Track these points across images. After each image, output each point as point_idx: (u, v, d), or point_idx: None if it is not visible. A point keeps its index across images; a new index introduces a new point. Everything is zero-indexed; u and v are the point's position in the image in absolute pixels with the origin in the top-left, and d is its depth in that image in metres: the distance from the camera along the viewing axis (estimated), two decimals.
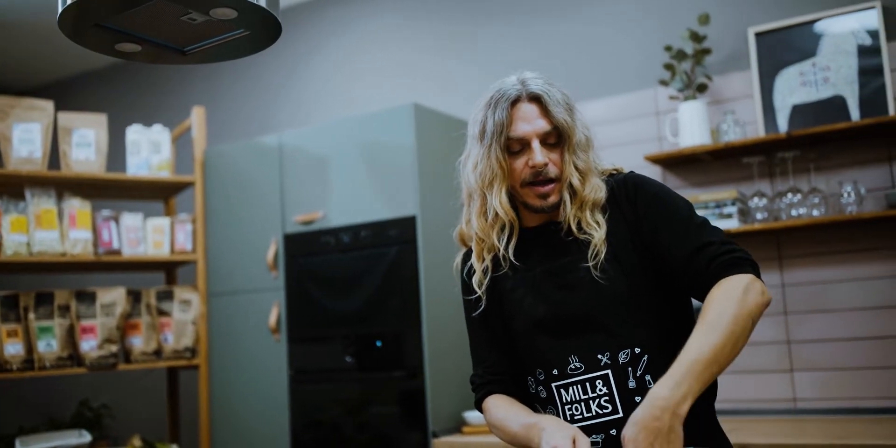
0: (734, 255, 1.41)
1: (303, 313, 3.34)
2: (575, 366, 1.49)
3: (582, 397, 1.48)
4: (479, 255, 1.62)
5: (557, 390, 1.51)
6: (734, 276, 1.38)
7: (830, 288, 2.91)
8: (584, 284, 1.49)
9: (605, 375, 1.47)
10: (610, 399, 1.46)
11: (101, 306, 3.41)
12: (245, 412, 3.49)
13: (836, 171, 2.93)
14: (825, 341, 2.90)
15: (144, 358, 3.53)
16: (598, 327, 1.48)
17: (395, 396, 3.08)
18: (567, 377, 1.50)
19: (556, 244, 1.56)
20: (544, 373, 1.53)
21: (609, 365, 1.47)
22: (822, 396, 2.89)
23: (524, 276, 1.57)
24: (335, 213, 3.30)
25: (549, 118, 1.52)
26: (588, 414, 1.47)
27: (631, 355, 1.47)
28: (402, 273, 3.09)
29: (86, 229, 3.41)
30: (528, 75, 1.58)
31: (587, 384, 1.48)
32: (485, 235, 1.60)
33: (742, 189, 3.04)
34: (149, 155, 3.66)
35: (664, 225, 1.48)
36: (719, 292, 1.36)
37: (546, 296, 1.54)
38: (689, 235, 1.45)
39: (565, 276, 1.53)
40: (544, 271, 1.56)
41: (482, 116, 1.57)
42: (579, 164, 1.53)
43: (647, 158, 3.10)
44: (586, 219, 1.51)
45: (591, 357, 1.48)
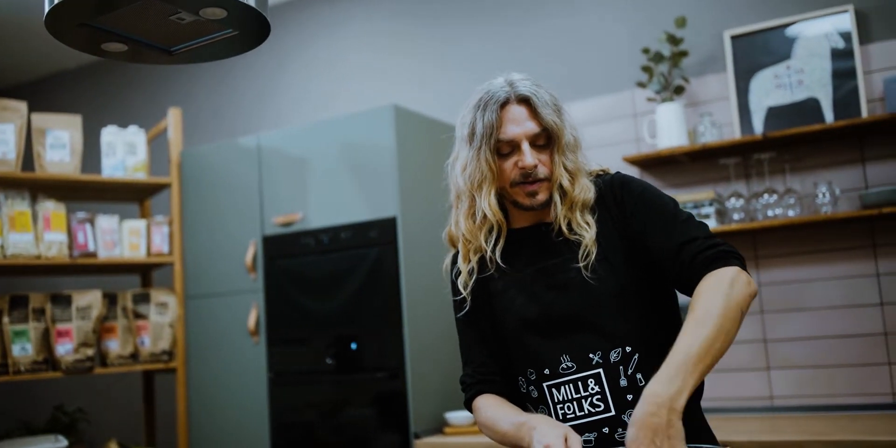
0: (719, 248, 1.43)
1: (282, 315, 3.33)
2: (567, 365, 1.50)
3: (574, 396, 1.49)
4: (465, 257, 1.63)
5: (549, 390, 1.52)
6: (720, 270, 1.39)
7: (806, 287, 2.96)
8: (575, 284, 1.51)
9: (597, 374, 1.48)
10: (602, 398, 1.47)
11: (76, 309, 3.37)
12: (223, 416, 3.47)
13: (811, 172, 2.97)
14: (801, 339, 2.95)
15: (121, 361, 3.50)
16: (590, 327, 1.50)
17: (376, 397, 3.08)
18: (559, 376, 1.51)
19: (546, 245, 1.57)
20: (535, 372, 1.54)
21: (601, 364, 1.48)
22: (798, 394, 2.93)
23: (515, 277, 1.59)
24: (315, 215, 3.29)
25: (538, 120, 1.53)
26: (580, 413, 1.48)
27: (622, 354, 1.48)
28: (382, 274, 3.09)
29: (60, 231, 3.37)
30: (516, 77, 1.59)
31: (579, 383, 1.49)
32: (472, 237, 1.60)
33: (719, 190, 3.08)
34: (124, 156, 3.63)
35: (650, 222, 1.50)
36: (706, 286, 1.37)
37: (537, 296, 1.55)
38: (675, 231, 1.47)
39: (556, 277, 1.54)
40: (535, 272, 1.57)
41: (471, 118, 1.57)
42: (568, 164, 1.55)
43: (626, 160, 3.13)
44: (576, 219, 1.53)
45: (583, 356, 1.49)
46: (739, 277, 1.38)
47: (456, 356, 1.75)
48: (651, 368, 1.46)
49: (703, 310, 1.33)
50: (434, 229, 3.31)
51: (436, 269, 3.18)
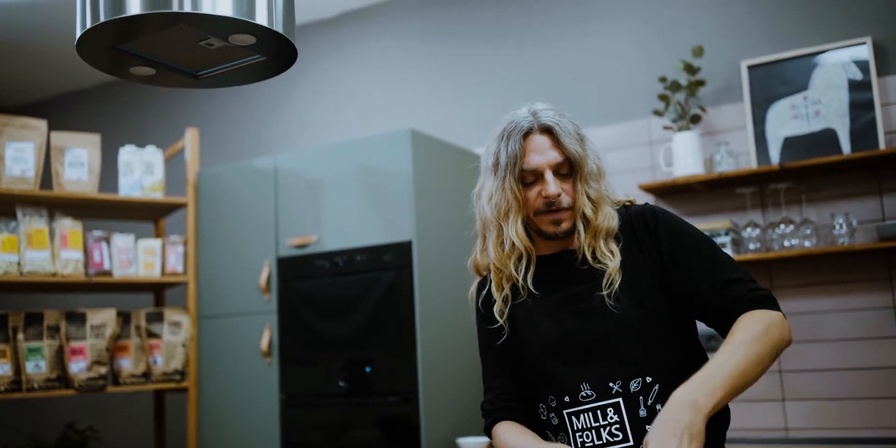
0: (762, 293, 1.46)
1: (295, 337, 3.33)
2: (586, 393, 1.50)
3: (593, 425, 1.49)
4: (498, 285, 1.64)
5: (569, 417, 1.52)
6: (763, 310, 1.42)
7: (822, 318, 2.94)
8: (599, 312, 1.51)
9: (617, 403, 1.48)
10: (621, 427, 1.47)
11: (91, 327, 3.38)
12: (234, 436, 3.46)
13: (828, 203, 2.97)
14: (817, 371, 2.93)
15: (133, 380, 3.50)
16: (611, 355, 1.50)
17: (388, 421, 3.07)
18: (578, 404, 1.51)
19: (571, 272, 1.58)
20: (556, 399, 1.54)
21: (620, 393, 1.48)
22: (813, 426, 2.91)
23: (539, 303, 1.59)
24: (330, 237, 3.30)
25: (561, 149, 1.55)
26: (599, 441, 1.49)
27: (642, 384, 1.48)
28: (397, 298, 3.09)
29: (77, 250, 3.39)
30: (540, 107, 1.61)
31: (598, 412, 1.49)
32: (502, 265, 1.62)
33: (735, 219, 3.08)
34: (142, 176, 3.65)
35: (689, 259, 1.51)
36: (749, 320, 1.40)
37: (560, 322, 1.55)
38: (718, 270, 1.49)
39: (580, 304, 1.55)
40: (559, 298, 1.58)
41: (495, 148, 1.60)
42: (591, 193, 1.56)
43: (642, 187, 3.13)
44: (600, 248, 1.54)
45: (603, 385, 1.49)
46: (783, 322, 1.42)
47: (469, 381, 1.76)
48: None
49: (742, 337, 1.36)
50: (449, 254, 3.34)
51: (450, 293, 3.20)
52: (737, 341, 1.35)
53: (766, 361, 1.35)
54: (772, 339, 1.37)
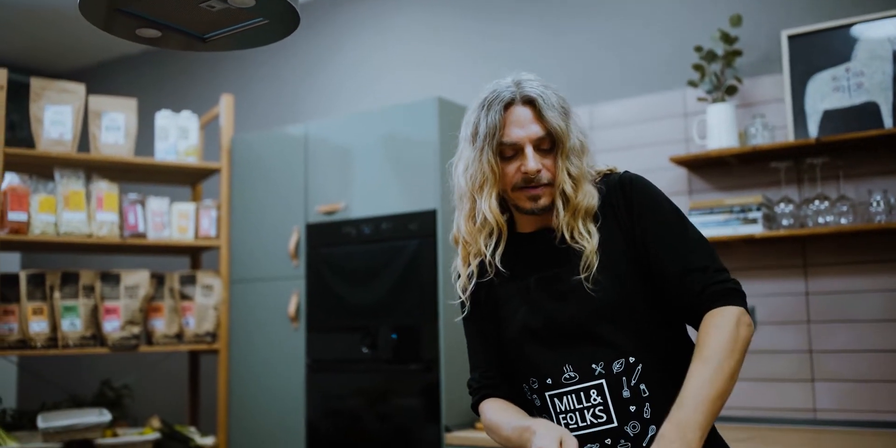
0: (726, 285, 1.41)
1: (322, 303, 3.36)
2: (569, 375, 1.47)
3: (576, 406, 1.46)
4: (464, 260, 1.59)
5: (551, 399, 1.49)
6: (726, 308, 1.38)
7: (856, 298, 2.86)
8: (577, 295, 1.47)
9: (600, 385, 1.45)
10: (604, 409, 1.44)
11: (125, 288, 3.45)
12: (262, 398, 3.52)
13: (866, 179, 2.88)
14: (848, 352, 2.86)
15: (166, 341, 3.57)
16: (592, 337, 1.46)
17: (410, 389, 3.09)
18: (561, 386, 1.48)
19: (550, 252, 1.53)
20: (538, 381, 1.51)
21: (603, 374, 1.45)
22: (842, 408, 2.84)
23: (518, 285, 1.55)
24: (357, 205, 3.31)
25: (543, 123, 1.48)
26: (583, 423, 1.46)
27: (625, 365, 1.45)
28: (421, 266, 3.09)
29: (112, 212, 3.45)
30: (525, 77, 1.54)
31: (581, 394, 1.46)
32: (472, 239, 1.56)
33: (768, 194, 3.00)
34: (177, 140, 3.69)
35: (657, 236, 1.46)
36: (715, 325, 1.36)
37: (539, 305, 1.52)
38: (683, 253, 1.44)
39: (558, 286, 1.50)
40: (538, 280, 1.53)
41: (475, 118, 1.53)
42: (572, 170, 1.49)
43: (673, 160, 3.07)
44: (578, 228, 1.48)
45: (586, 367, 1.46)
46: (744, 319, 1.37)
47: None
48: (655, 379, 1.44)
49: (714, 351, 1.32)
50: None
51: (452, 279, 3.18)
52: (709, 357, 1.32)
53: (737, 371, 1.33)
54: (740, 347, 1.34)
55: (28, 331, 3.26)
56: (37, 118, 3.38)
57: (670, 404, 1.36)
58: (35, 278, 3.33)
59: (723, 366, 1.30)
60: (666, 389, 1.43)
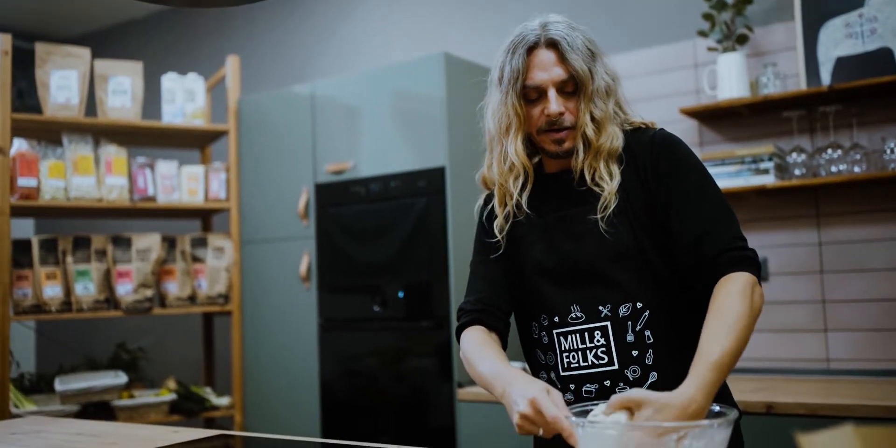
0: (743, 252, 1.39)
1: (332, 262, 3.36)
2: (576, 315, 1.48)
3: (579, 346, 1.47)
4: (500, 201, 1.60)
5: (558, 337, 1.50)
6: (741, 274, 1.36)
7: (869, 247, 2.84)
8: (592, 236, 1.48)
9: (605, 327, 1.46)
10: (607, 351, 1.45)
11: (136, 251, 3.47)
12: (276, 358, 3.55)
13: (880, 127, 2.83)
14: (861, 302, 2.84)
15: (179, 303, 3.60)
16: (602, 280, 1.47)
17: (422, 346, 3.10)
18: (567, 325, 1.49)
19: (570, 192, 1.53)
20: (548, 319, 1.52)
21: (609, 317, 1.45)
22: (855, 357, 2.84)
23: (538, 223, 1.56)
24: (365, 164, 3.29)
25: (567, 66, 1.48)
26: (584, 363, 1.47)
27: (632, 310, 1.45)
28: (430, 224, 3.08)
29: (122, 176, 3.46)
30: (552, 19, 1.52)
31: (586, 334, 1.47)
32: (504, 181, 1.58)
33: (780, 144, 2.97)
34: (184, 103, 3.68)
35: (680, 197, 1.45)
36: (732, 291, 1.33)
37: (555, 244, 1.52)
38: (704, 217, 1.42)
39: (575, 226, 1.51)
40: (557, 219, 1.54)
41: (501, 62, 1.54)
42: (596, 112, 1.49)
43: (683, 111, 3.03)
44: (599, 169, 1.48)
45: (593, 308, 1.47)
46: (757, 289, 1.36)
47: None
48: (660, 326, 1.45)
49: (729, 316, 1.30)
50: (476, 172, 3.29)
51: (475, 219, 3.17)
52: (725, 322, 1.29)
53: (748, 336, 1.31)
54: (754, 314, 1.32)
55: (42, 295, 3.28)
56: (43, 83, 3.37)
57: (673, 353, 1.35)
58: (47, 243, 3.35)
59: (737, 328, 1.28)
60: (669, 338, 1.44)
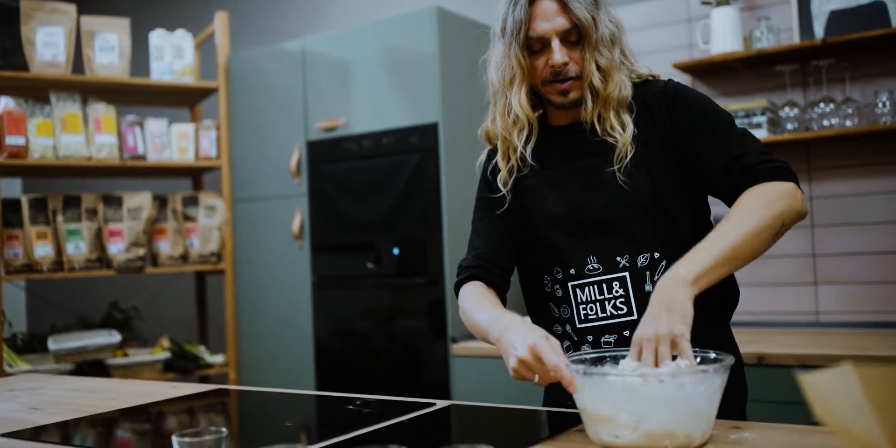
0: (774, 164, 1.38)
1: (325, 220, 3.36)
2: (593, 266, 1.48)
3: (598, 298, 1.47)
4: (504, 155, 1.58)
5: (573, 289, 1.50)
6: (774, 182, 1.36)
7: (859, 201, 2.86)
8: (608, 186, 1.47)
9: (623, 278, 1.46)
10: (626, 301, 1.45)
11: (127, 210, 3.45)
12: (270, 316, 3.56)
13: (873, 81, 2.83)
14: (851, 255, 2.87)
15: (171, 262, 3.60)
16: (619, 230, 1.47)
17: (416, 303, 3.11)
18: (584, 277, 1.49)
19: (582, 144, 1.52)
20: (562, 271, 1.51)
21: (627, 267, 1.46)
22: (844, 310, 2.87)
23: (549, 175, 1.55)
24: (357, 120, 3.27)
25: (569, 15, 1.45)
26: (602, 314, 1.47)
27: (650, 260, 1.45)
28: (423, 180, 3.08)
29: (111, 134, 3.43)
30: None
31: (604, 285, 1.47)
32: (508, 134, 1.56)
33: (773, 99, 2.96)
34: (172, 60, 3.64)
35: (703, 134, 1.44)
36: (754, 192, 1.34)
37: (569, 195, 1.51)
38: (729, 145, 1.42)
39: (590, 178, 1.50)
40: (570, 171, 1.53)
41: (503, 13, 1.52)
42: (601, 61, 1.47)
43: (676, 66, 3.02)
44: (610, 120, 1.47)
45: (610, 259, 1.47)
46: (794, 193, 1.34)
47: None
48: None
49: (742, 208, 1.31)
50: (476, 136, 3.27)
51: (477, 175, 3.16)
52: (733, 213, 1.31)
53: (767, 232, 1.30)
54: (774, 211, 1.30)
55: (33, 255, 3.27)
56: (29, 40, 3.33)
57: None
58: (37, 203, 3.33)
59: (747, 221, 1.29)
60: None
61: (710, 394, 1.14)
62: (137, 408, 1.71)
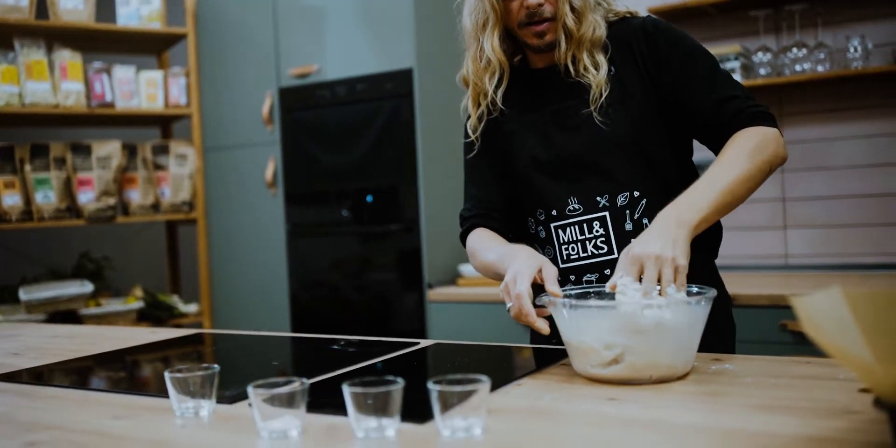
0: (759, 109, 1.40)
1: (299, 168, 3.34)
2: (574, 207, 1.49)
3: (579, 238, 1.49)
4: (474, 100, 1.59)
5: (556, 230, 1.52)
6: (759, 127, 1.38)
7: (830, 145, 2.90)
8: (587, 127, 1.48)
9: (603, 217, 1.47)
10: (606, 240, 1.47)
11: (96, 159, 3.40)
12: (244, 265, 3.55)
13: (845, 26, 2.85)
14: (821, 199, 2.92)
15: (142, 211, 3.56)
16: (598, 170, 1.48)
17: (391, 249, 3.12)
18: (565, 218, 1.50)
19: (559, 86, 1.52)
20: (544, 213, 1.53)
21: (607, 207, 1.47)
22: (813, 252, 2.93)
23: (530, 119, 1.55)
24: (331, 66, 3.24)
25: None
26: (584, 254, 1.49)
27: (630, 199, 1.47)
28: (398, 127, 3.06)
29: (77, 81, 3.36)
30: None
31: (584, 225, 1.48)
32: (478, 79, 1.56)
33: (747, 44, 2.97)
34: (139, 5, 3.55)
35: (687, 73, 1.45)
36: (744, 137, 1.36)
37: (549, 137, 1.52)
38: (715, 87, 1.43)
39: (567, 119, 1.50)
40: (549, 113, 1.53)
41: None
42: (575, 2, 1.47)
43: (651, 10, 3.00)
44: (584, 60, 1.47)
45: (590, 199, 1.48)
46: (778, 138, 1.38)
47: None
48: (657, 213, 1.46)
49: (733, 153, 1.33)
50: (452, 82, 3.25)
51: (453, 122, 3.16)
52: (727, 158, 1.33)
53: (758, 177, 1.33)
54: (764, 156, 1.33)
55: (1, 205, 3.22)
56: None
57: None
58: (4, 151, 3.27)
59: (740, 165, 1.31)
60: None
61: (694, 326, 1.16)
62: (121, 351, 1.71)
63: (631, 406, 1.03)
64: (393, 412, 0.95)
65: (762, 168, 1.33)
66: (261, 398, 0.98)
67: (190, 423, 1.06)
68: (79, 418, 1.12)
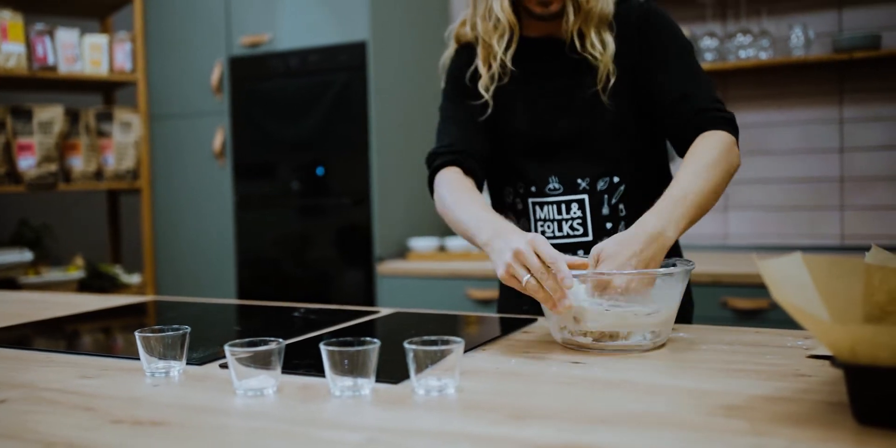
0: (722, 114, 1.41)
1: (248, 139, 3.32)
2: (554, 186, 1.50)
3: (556, 217, 1.50)
4: (485, 61, 1.54)
5: (533, 206, 1.52)
6: (720, 132, 1.38)
7: (770, 131, 3.00)
8: (579, 108, 1.48)
9: (582, 200, 1.49)
10: (582, 222, 1.49)
11: (38, 124, 3.32)
12: (190, 236, 3.52)
13: (787, 15, 2.94)
14: (760, 182, 3.02)
15: (85, 179, 3.49)
16: (583, 152, 1.49)
17: (341, 222, 3.13)
18: (544, 196, 1.51)
19: (559, 61, 1.51)
20: (524, 187, 1.53)
21: (587, 190, 1.49)
22: (752, 233, 3.04)
23: (523, 91, 1.53)
24: (283, 36, 3.21)
25: None
26: (559, 233, 1.50)
27: (609, 183, 1.49)
28: (350, 100, 3.06)
29: (18, 43, 3.26)
30: None
31: (563, 205, 1.50)
32: (489, 38, 1.52)
33: (693, 29, 3.04)
34: None
35: (664, 63, 1.45)
36: (709, 143, 1.36)
37: (539, 114, 1.52)
38: (684, 79, 1.43)
39: (562, 98, 1.50)
40: (543, 88, 1.52)
41: None
42: None
43: None
44: (591, 36, 1.46)
45: (571, 180, 1.49)
46: (734, 148, 1.38)
47: (422, 184, 1.64)
48: (635, 201, 1.48)
49: (704, 162, 1.32)
50: (407, 55, 3.27)
51: (407, 95, 3.17)
52: (697, 167, 1.31)
53: (721, 188, 1.34)
54: (727, 166, 1.34)
55: None
56: None
57: None
58: None
59: (709, 177, 1.30)
60: (642, 212, 1.46)
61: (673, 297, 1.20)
62: (77, 316, 1.70)
63: (596, 368, 1.08)
64: (368, 372, 0.98)
65: (725, 179, 1.34)
66: (237, 357, 1.00)
67: (162, 382, 1.08)
68: (47, 377, 1.12)
